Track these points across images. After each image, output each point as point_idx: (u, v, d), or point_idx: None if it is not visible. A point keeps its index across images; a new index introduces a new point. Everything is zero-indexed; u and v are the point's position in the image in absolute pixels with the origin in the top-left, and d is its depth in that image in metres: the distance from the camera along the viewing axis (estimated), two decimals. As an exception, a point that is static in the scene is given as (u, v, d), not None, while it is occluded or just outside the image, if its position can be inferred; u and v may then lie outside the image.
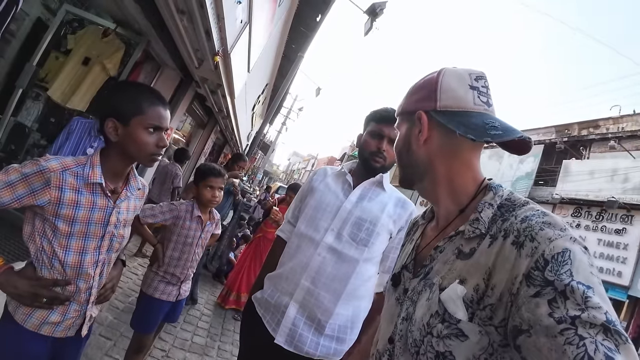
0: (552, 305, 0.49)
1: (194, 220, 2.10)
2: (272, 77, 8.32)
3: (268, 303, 1.45)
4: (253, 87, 6.28)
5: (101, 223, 1.15)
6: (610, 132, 10.98)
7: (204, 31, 2.62)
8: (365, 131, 1.51)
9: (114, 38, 3.20)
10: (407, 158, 0.81)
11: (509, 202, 0.68)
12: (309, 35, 6.25)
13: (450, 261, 0.69)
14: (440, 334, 0.62)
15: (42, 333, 1.12)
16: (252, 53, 4.24)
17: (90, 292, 1.19)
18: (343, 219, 1.42)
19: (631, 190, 9.53)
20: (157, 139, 1.16)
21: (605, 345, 0.45)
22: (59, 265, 1.10)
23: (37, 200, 1.04)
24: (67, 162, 1.09)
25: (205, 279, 4.80)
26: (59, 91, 3.00)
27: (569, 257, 0.52)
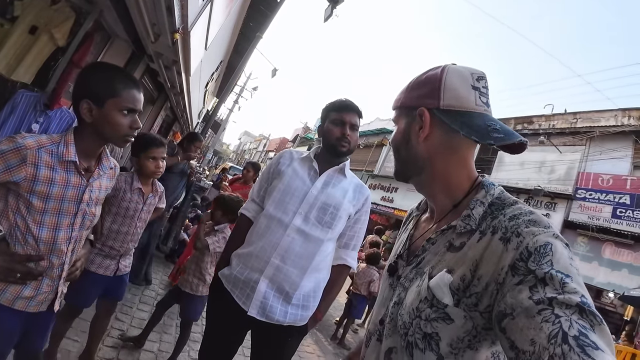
0: (532, 290, 0.53)
1: (135, 192, 2.04)
2: (227, 55, 8.09)
3: (237, 279, 1.55)
4: (208, 64, 6.11)
5: (74, 200, 1.18)
6: (541, 128, 12.00)
7: (165, 7, 2.55)
8: (327, 121, 1.63)
9: (64, 6, 2.97)
10: (406, 153, 0.81)
11: (499, 200, 0.72)
12: (268, 15, 6.16)
13: (441, 253, 0.73)
14: (428, 317, 0.67)
15: (15, 308, 1.14)
16: (211, 30, 4.15)
17: (63, 267, 1.21)
18: (310, 203, 1.55)
19: (556, 181, 10.65)
20: (130, 121, 1.19)
21: (580, 324, 0.47)
22: (32, 241, 1.12)
23: (13, 177, 1.05)
24: (42, 140, 1.11)
25: (158, 260, 4.73)
26: (3, 62, 2.76)
27: (550, 249, 0.57)
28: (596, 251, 9.55)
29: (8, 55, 2.75)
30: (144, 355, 2.54)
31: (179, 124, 11.10)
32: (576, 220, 9.97)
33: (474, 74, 0.75)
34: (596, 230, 9.52)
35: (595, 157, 10.25)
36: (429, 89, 0.76)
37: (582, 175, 10.33)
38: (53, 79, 3.11)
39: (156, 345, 2.74)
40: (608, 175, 9.76)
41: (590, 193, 9.93)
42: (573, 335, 0.46)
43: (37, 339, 1.31)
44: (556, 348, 0.46)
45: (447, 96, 0.74)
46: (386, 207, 15.40)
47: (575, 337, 0.46)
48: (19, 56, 2.80)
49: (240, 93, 24.33)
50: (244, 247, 1.61)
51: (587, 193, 10.01)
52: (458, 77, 0.74)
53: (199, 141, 4.22)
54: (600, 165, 10.05)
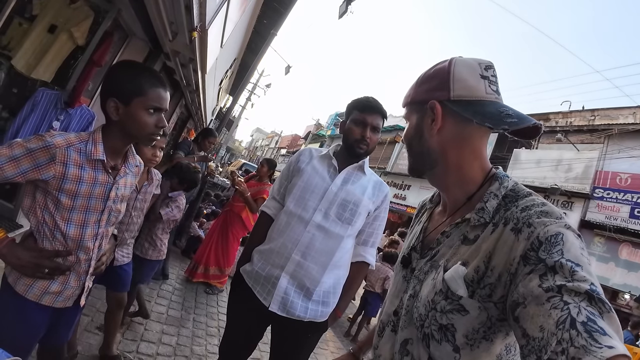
0: (542, 279, 0.54)
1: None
2: (241, 52, 8.13)
3: (259, 275, 1.56)
4: (223, 62, 6.15)
5: (102, 198, 1.19)
6: (559, 126, 11.77)
7: (184, 5, 2.57)
8: (349, 119, 1.63)
9: (83, 5, 3.03)
10: (419, 147, 0.81)
11: (513, 192, 0.72)
12: (282, 12, 6.16)
13: (455, 246, 0.73)
14: (443, 309, 0.68)
15: (43, 303, 1.16)
16: (227, 28, 4.17)
17: (90, 263, 1.23)
18: (330, 200, 1.56)
19: (573, 180, 10.41)
20: (156, 120, 1.19)
21: (589, 310, 0.47)
22: (60, 237, 1.13)
23: (42, 175, 1.06)
24: (71, 138, 1.12)
25: (175, 255, 4.81)
26: (23, 60, 2.83)
27: (561, 239, 0.57)
28: (613, 252, 9.35)
29: (27, 54, 2.80)
30: (163, 349, 2.59)
31: (194, 121, 11.20)
32: (593, 220, 9.77)
33: (481, 64, 0.75)
34: (613, 231, 9.32)
35: (614, 156, 10.00)
36: (438, 81, 0.76)
37: (599, 174, 10.09)
38: (73, 77, 3.17)
39: (174, 339, 2.79)
40: (626, 174, 9.52)
41: (608, 192, 9.70)
42: (581, 321, 0.46)
43: (62, 334, 1.34)
44: (564, 333, 0.46)
45: (456, 87, 0.74)
46: (399, 204, 15.30)
47: (583, 323, 0.46)
48: (39, 55, 2.86)
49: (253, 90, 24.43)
50: (265, 243, 1.63)
51: (604, 192, 9.78)
52: (466, 68, 0.75)
53: (213, 137, 4.26)
54: (619, 164, 9.81)
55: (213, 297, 4.00)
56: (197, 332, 3.06)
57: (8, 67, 2.88)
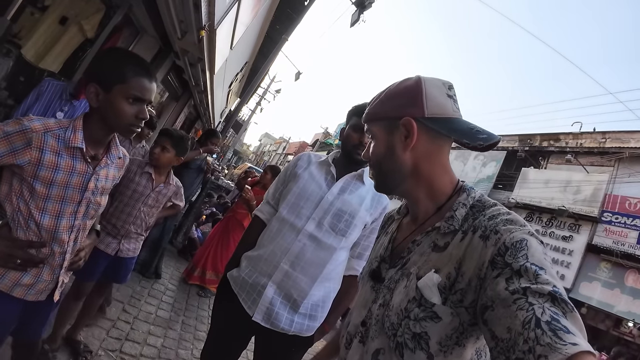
0: (508, 282, 0.57)
1: (144, 176, 2.12)
2: (253, 56, 8.17)
3: (245, 282, 1.50)
4: (233, 64, 6.17)
5: (79, 188, 1.14)
6: (568, 147, 11.65)
7: (193, 3, 2.56)
8: (348, 125, 1.57)
9: (95, -2, 3.05)
10: (390, 164, 0.82)
11: (479, 203, 0.76)
12: (295, 18, 6.19)
13: (426, 253, 0.75)
14: (417, 317, 0.69)
15: (13, 295, 1.11)
16: (237, 30, 4.17)
17: (64, 257, 1.18)
18: (325, 209, 1.49)
19: (581, 202, 10.25)
20: (137, 111, 1.14)
21: (552, 310, 0.50)
22: (34, 227, 1.09)
23: (17, 160, 1.02)
24: (49, 124, 1.07)
25: (171, 254, 4.76)
26: (32, 49, 2.83)
27: (526, 245, 0.60)
28: (619, 278, 9.14)
29: (37, 44, 2.81)
30: (147, 350, 2.53)
31: (201, 121, 11.26)
32: (600, 245, 9.58)
33: (445, 84, 0.79)
34: (620, 256, 9.12)
35: (624, 180, 9.85)
36: (409, 99, 0.78)
37: (609, 197, 9.92)
38: (80, 69, 3.17)
39: (160, 340, 2.72)
40: (636, 199, 9.35)
41: (617, 217, 9.53)
42: (545, 320, 0.49)
43: (35, 328, 1.29)
44: (530, 332, 0.48)
45: (430, 105, 0.76)
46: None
47: (548, 322, 0.48)
48: (48, 45, 2.87)
49: (264, 95, 24.56)
50: (255, 249, 1.56)
51: (613, 216, 9.61)
52: (435, 87, 0.78)
53: (216, 138, 4.24)
54: (629, 189, 9.65)
55: (205, 301, 3.92)
56: (185, 335, 2.99)
57: (17, 56, 2.87)
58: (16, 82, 3.03)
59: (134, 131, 1.18)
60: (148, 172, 2.13)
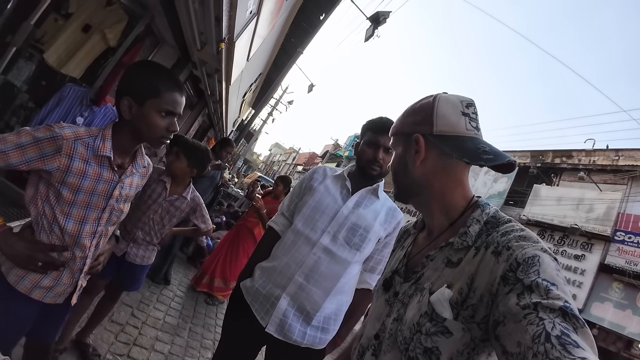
0: (519, 297, 0.57)
1: (159, 184, 2.12)
2: (267, 68, 8.28)
3: (258, 292, 1.50)
4: (248, 75, 6.26)
5: (104, 195, 1.17)
6: (581, 164, 11.52)
7: (214, 17, 2.62)
8: (363, 140, 1.58)
9: (118, 8, 3.13)
10: (404, 176, 0.86)
11: (494, 219, 0.76)
12: (310, 32, 6.28)
13: (440, 269, 0.76)
14: (428, 332, 0.70)
15: (32, 297, 1.13)
16: (254, 43, 4.25)
17: (85, 261, 1.20)
18: (340, 223, 1.49)
19: (594, 220, 10.07)
20: (168, 124, 1.18)
21: (563, 325, 0.51)
22: (58, 231, 1.11)
23: (46, 166, 1.05)
24: (80, 132, 1.10)
25: (180, 261, 4.78)
26: (55, 55, 2.92)
27: (538, 261, 0.61)
28: (631, 299, 8.93)
29: (59, 50, 2.89)
30: (154, 356, 2.53)
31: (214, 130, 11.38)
32: (613, 264, 9.38)
33: (463, 102, 0.81)
34: (633, 277, 8.92)
35: (637, 198, 9.68)
36: (423, 116, 0.82)
37: (622, 216, 9.75)
38: (101, 76, 3.25)
39: (167, 347, 2.73)
40: (650, 219, 9.17)
41: (630, 236, 9.34)
42: (555, 335, 0.49)
43: (49, 331, 1.30)
44: (539, 347, 0.49)
45: (439, 122, 0.79)
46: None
47: (558, 337, 0.49)
48: (71, 51, 2.95)
49: (276, 106, 24.80)
50: (269, 260, 1.57)
51: (626, 236, 9.42)
52: (449, 105, 0.80)
53: (230, 147, 4.29)
54: (643, 208, 9.47)
55: (212, 309, 3.92)
56: (192, 342, 2.99)
57: (39, 60, 2.95)
58: (38, 86, 3.11)
59: (164, 143, 1.22)
60: (163, 181, 2.13)
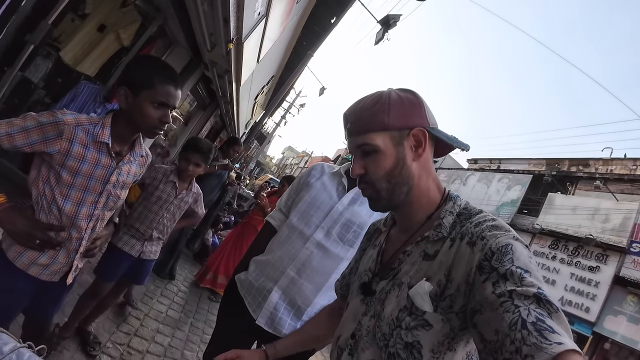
0: (495, 285, 0.58)
1: (169, 184, 2.25)
2: (279, 70, 8.37)
3: (251, 285, 1.53)
4: (259, 78, 6.34)
5: (102, 180, 1.23)
6: (598, 173, 11.26)
7: (222, 18, 2.69)
8: None
9: (133, 9, 3.24)
10: (401, 176, 0.78)
11: (466, 210, 0.77)
12: (321, 35, 6.34)
13: (417, 262, 0.76)
14: (408, 326, 0.70)
15: (29, 273, 1.19)
16: (264, 45, 4.31)
17: (81, 242, 1.26)
18: (334, 219, 1.51)
19: (610, 231, 9.80)
20: (161, 115, 1.23)
21: (538, 312, 0.52)
22: (56, 211, 1.17)
23: (48, 148, 1.12)
24: (81, 118, 1.17)
25: (186, 257, 4.87)
26: (71, 53, 3.04)
27: (511, 249, 0.62)
28: (647, 313, 8.65)
29: (75, 48, 3.01)
30: (154, 347, 2.59)
31: (226, 131, 11.53)
32: (628, 277, 9.10)
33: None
34: (649, 290, 8.64)
35: (655, 210, 9.38)
36: (413, 109, 0.79)
37: (638, 227, 9.44)
38: (115, 74, 3.36)
39: (167, 339, 2.78)
40: (668, 232, 8.89)
41: (647, 248, 9.06)
42: (531, 321, 0.50)
43: (47, 308, 1.36)
44: (516, 334, 0.50)
45: (429, 115, 0.80)
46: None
47: (533, 323, 0.50)
48: (86, 50, 3.07)
49: (289, 109, 24.97)
50: (264, 254, 1.60)
51: (642, 248, 9.14)
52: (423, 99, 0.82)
53: (238, 145, 4.35)
54: (660, 220, 9.18)
55: (215, 305, 3.97)
56: (192, 337, 3.04)
57: (56, 58, 3.08)
58: (54, 82, 3.23)
59: (157, 133, 1.28)
60: (172, 181, 2.26)
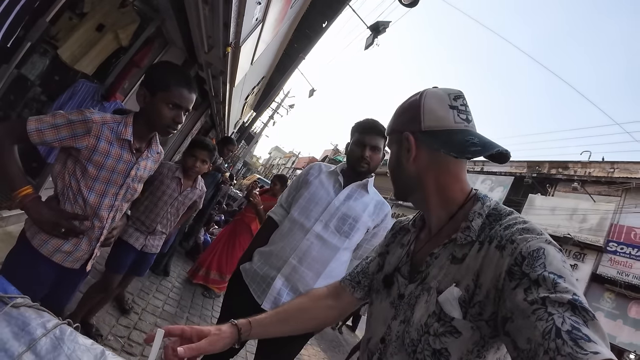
0: (527, 292, 0.55)
1: (174, 180, 2.32)
2: (270, 72, 8.45)
3: (256, 274, 1.66)
4: (251, 78, 6.42)
5: (123, 174, 1.33)
6: (577, 175, 11.68)
7: (223, 23, 2.78)
8: (352, 140, 1.75)
9: (131, 10, 3.28)
10: (399, 175, 0.86)
11: (495, 211, 0.74)
12: (313, 38, 6.46)
13: (445, 266, 0.74)
14: (436, 332, 0.68)
15: (53, 260, 1.28)
16: (259, 47, 4.41)
17: (102, 231, 1.36)
18: (331, 213, 1.66)
19: (587, 231, 10.24)
20: (174, 115, 1.34)
21: (573, 319, 0.49)
22: (81, 202, 1.26)
23: (77, 144, 1.22)
24: (107, 117, 1.28)
25: (179, 255, 4.93)
26: (68, 51, 3.05)
27: (543, 253, 0.59)
28: (622, 309, 9.10)
29: (73, 47, 3.02)
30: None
31: (216, 131, 11.53)
32: (604, 274, 9.54)
33: (450, 94, 0.79)
34: (624, 287, 9.09)
35: (630, 210, 9.85)
36: (411, 113, 0.81)
37: (615, 227, 9.93)
38: (112, 74, 3.41)
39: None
40: (642, 231, 9.34)
41: (622, 247, 9.52)
42: (566, 330, 0.48)
43: (64, 294, 1.45)
44: (550, 343, 0.48)
45: (426, 118, 0.78)
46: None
47: (568, 332, 0.47)
48: (84, 49, 3.08)
49: (277, 109, 24.99)
50: (267, 246, 1.73)
51: (618, 247, 9.60)
52: (435, 99, 0.79)
53: (232, 145, 4.44)
54: (635, 219, 9.66)
55: (209, 301, 4.06)
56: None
57: (53, 56, 3.08)
58: (51, 80, 3.25)
59: (170, 132, 1.38)
60: (178, 177, 2.33)
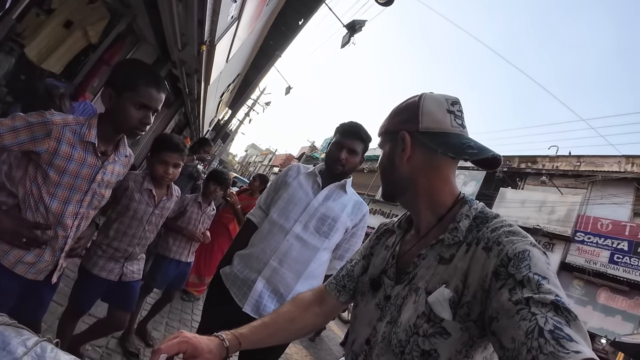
0: (511, 292, 0.57)
1: (144, 193, 1.90)
2: (245, 69, 8.36)
3: (236, 277, 1.64)
4: (226, 76, 6.33)
5: (87, 179, 1.26)
6: (545, 169, 12.16)
7: (197, 20, 2.72)
8: (332, 141, 1.76)
9: (101, 6, 3.15)
10: (391, 174, 0.86)
11: (482, 214, 0.76)
12: (289, 36, 6.43)
13: (432, 266, 0.74)
14: (426, 333, 0.68)
15: (15, 271, 1.20)
16: (234, 45, 4.35)
17: (66, 241, 1.28)
18: (310, 214, 1.66)
19: (555, 222, 10.69)
20: (142, 116, 1.27)
21: (555, 320, 0.50)
22: (43, 210, 1.19)
23: (36, 147, 1.14)
24: (68, 119, 1.20)
25: (156, 258, 4.80)
26: (35, 50, 2.91)
27: (528, 255, 0.61)
28: (591, 295, 9.53)
29: (40, 45, 2.89)
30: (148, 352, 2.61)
31: (190, 129, 11.30)
32: (573, 263, 9.98)
33: (448, 100, 0.82)
34: (592, 275, 9.53)
35: (596, 202, 10.35)
36: (409, 114, 0.83)
37: (581, 218, 10.40)
38: (81, 72, 3.28)
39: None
40: (607, 220, 9.84)
41: (589, 237, 9.99)
42: (548, 329, 0.49)
43: (33, 307, 1.36)
44: (533, 342, 0.49)
45: (424, 119, 0.80)
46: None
47: (551, 331, 0.49)
48: (52, 47, 2.95)
49: (253, 106, 24.71)
50: (247, 248, 1.71)
51: (585, 236, 10.06)
52: (434, 103, 0.81)
53: (209, 146, 4.37)
54: (601, 210, 10.15)
55: (188, 305, 3.98)
56: (168, 336, 3.04)
57: (19, 55, 2.93)
58: (17, 80, 3.09)
59: (138, 134, 1.31)
60: (148, 189, 1.92)
